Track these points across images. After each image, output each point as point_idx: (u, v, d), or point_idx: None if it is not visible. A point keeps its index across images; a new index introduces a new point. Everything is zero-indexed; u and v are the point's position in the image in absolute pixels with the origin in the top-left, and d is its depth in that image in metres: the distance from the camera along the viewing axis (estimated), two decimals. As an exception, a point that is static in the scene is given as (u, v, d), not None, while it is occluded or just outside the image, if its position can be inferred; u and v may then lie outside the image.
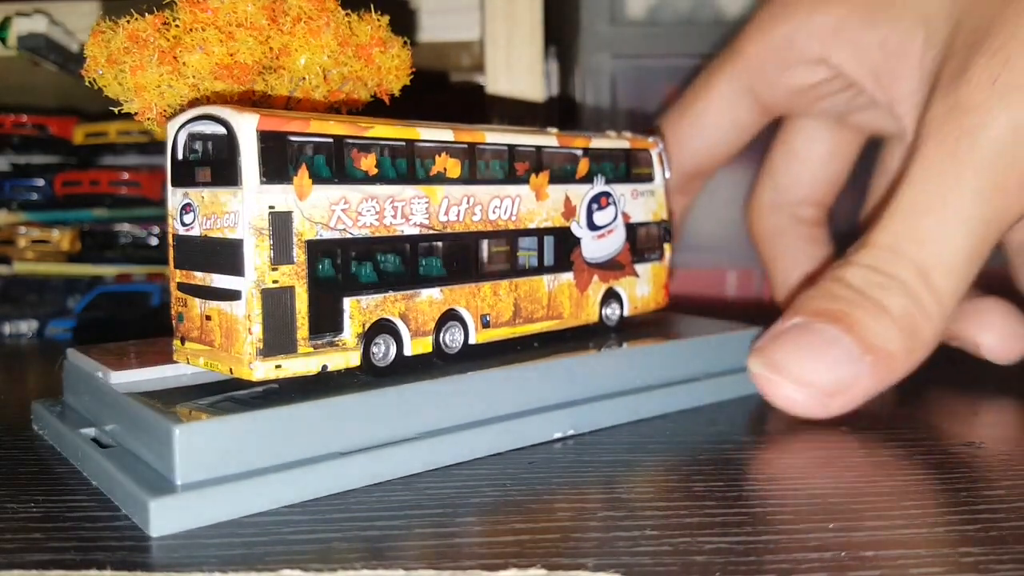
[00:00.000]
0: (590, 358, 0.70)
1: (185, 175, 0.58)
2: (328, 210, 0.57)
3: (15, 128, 1.27)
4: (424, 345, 0.63)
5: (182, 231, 0.58)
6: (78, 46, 1.10)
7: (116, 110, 0.61)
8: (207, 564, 0.45)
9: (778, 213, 0.95)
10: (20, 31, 1.05)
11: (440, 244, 0.64)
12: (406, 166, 0.62)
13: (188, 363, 0.59)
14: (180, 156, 0.58)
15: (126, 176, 1.25)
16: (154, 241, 1.25)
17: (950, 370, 0.80)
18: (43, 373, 0.92)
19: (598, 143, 0.76)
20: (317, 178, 0.56)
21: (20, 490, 0.55)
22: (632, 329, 0.78)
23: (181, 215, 0.58)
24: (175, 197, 0.58)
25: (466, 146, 0.65)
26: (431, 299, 0.63)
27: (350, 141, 0.59)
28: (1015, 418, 0.71)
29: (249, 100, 0.62)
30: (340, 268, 0.58)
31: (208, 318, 0.56)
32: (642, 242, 0.79)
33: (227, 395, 0.56)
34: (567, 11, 1.14)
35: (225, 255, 0.55)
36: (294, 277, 0.55)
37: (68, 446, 0.61)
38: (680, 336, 0.78)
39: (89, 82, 0.61)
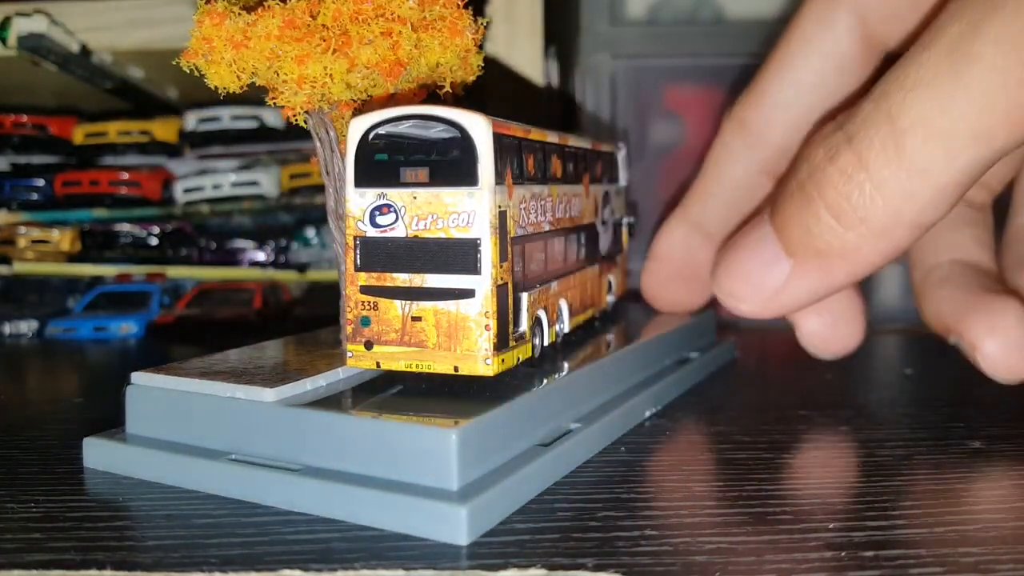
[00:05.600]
0: (655, 340, 0.78)
1: (381, 176, 0.57)
2: (518, 208, 0.60)
3: (15, 128, 1.27)
4: (552, 335, 0.67)
5: (374, 232, 0.57)
6: (78, 46, 1.10)
7: (221, 95, 0.58)
8: (207, 564, 0.45)
9: None
10: (20, 31, 1.05)
11: (559, 239, 0.69)
12: (544, 167, 0.65)
13: (378, 367, 0.58)
14: (374, 157, 0.57)
15: (126, 176, 1.25)
16: (154, 241, 1.25)
17: (950, 368, 0.80)
18: (43, 373, 0.92)
19: (602, 148, 0.82)
20: (514, 179, 0.59)
21: (20, 490, 0.55)
22: (618, 315, 0.86)
23: (372, 216, 0.57)
24: (363, 198, 0.57)
25: (562, 149, 0.70)
26: (554, 291, 0.67)
27: (526, 144, 0.61)
28: (1015, 418, 0.71)
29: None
30: (523, 264, 0.61)
31: (417, 319, 0.56)
32: (618, 235, 0.88)
33: (383, 396, 0.58)
34: (567, 11, 1.14)
35: (453, 255, 0.55)
36: (508, 274, 0.57)
37: (206, 479, 0.55)
38: (668, 319, 0.86)
39: (190, 68, 0.58)
